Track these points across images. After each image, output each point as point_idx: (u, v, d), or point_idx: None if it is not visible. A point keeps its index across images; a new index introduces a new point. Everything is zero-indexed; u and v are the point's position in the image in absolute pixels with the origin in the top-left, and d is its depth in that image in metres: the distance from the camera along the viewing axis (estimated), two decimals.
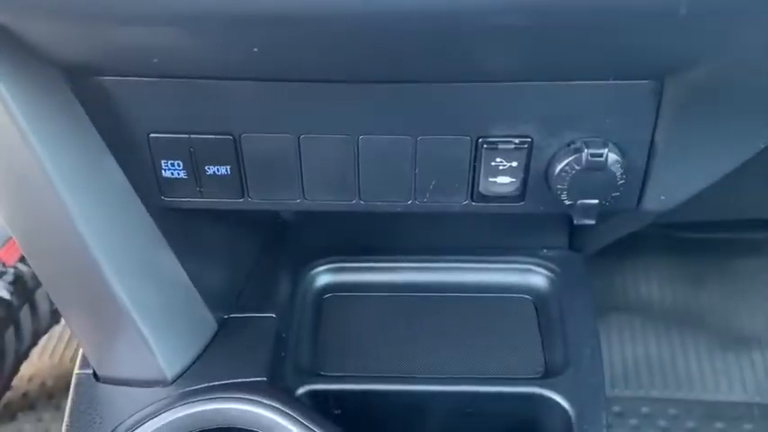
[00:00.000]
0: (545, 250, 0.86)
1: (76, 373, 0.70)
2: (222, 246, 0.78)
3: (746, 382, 1.23)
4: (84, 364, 0.70)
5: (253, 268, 0.83)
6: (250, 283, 0.81)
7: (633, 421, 1.18)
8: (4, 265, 1.17)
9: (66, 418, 0.67)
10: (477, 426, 0.76)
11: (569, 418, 0.71)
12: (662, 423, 1.18)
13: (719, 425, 1.18)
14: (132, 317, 0.63)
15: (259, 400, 0.65)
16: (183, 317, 0.70)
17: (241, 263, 0.82)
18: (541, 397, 0.73)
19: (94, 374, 0.70)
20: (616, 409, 1.19)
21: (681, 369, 1.25)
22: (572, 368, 0.75)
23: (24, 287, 1.18)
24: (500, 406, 0.75)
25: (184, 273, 0.70)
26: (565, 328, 0.79)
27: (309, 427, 0.63)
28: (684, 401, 1.21)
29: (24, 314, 1.19)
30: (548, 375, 0.76)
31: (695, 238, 1.36)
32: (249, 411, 0.65)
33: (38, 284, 1.20)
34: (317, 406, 0.73)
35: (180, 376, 0.68)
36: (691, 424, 1.18)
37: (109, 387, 0.69)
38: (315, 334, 0.81)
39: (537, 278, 0.85)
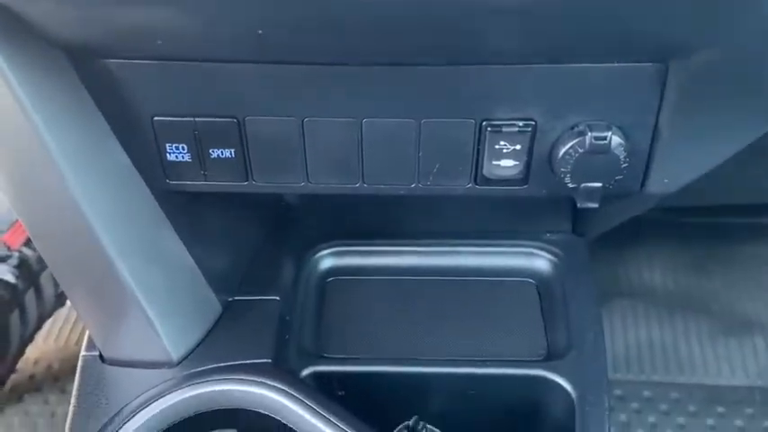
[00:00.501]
0: (548, 234, 0.87)
1: (83, 355, 0.70)
2: (226, 229, 0.79)
3: (748, 367, 1.24)
4: (90, 345, 0.71)
5: (257, 252, 0.83)
6: (254, 267, 0.81)
7: (635, 404, 1.19)
8: (9, 248, 1.18)
9: (72, 400, 0.68)
10: (480, 408, 0.76)
11: (571, 400, 0.72)
12: (663, 407, 1.19)
13: (720, 409, 1.18)
14: (137, 298, 0.64)
15: (264, 381, 0.65)
16: (187, 299, 0.70)
17: (245, 246, 0.83)
18: (544, 379, 0.74)
19: (100, 356, 0.70)
20: (618, 392, 1.19)
21: (683, 353, 1.26)
22: (574, 351, 0.75)
23: (29, 271, 1.19)
24: (502, 388, 0.75)
25: (189, 255, 0.70)
26: (567, 312, 0.79)
27: (315, 409, 0.64)
28: (686, 386, 1.21)
29: (29, 298, 1.19)
30: (550, 358, 0.76)
31: (699, 223, 1.36)
32: (254, 393, 0.65)
33: (43, 268, 1.21)
34: (321, 388, 0.73)
35: (185, 358, 0.69)
36: (692, 408, 1.19)
37: (115, 369, 0.69)
38: (318, 317, 0.82)
39: (540, 262, 0.85)
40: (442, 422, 0.70)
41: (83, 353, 0.71)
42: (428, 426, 0.67)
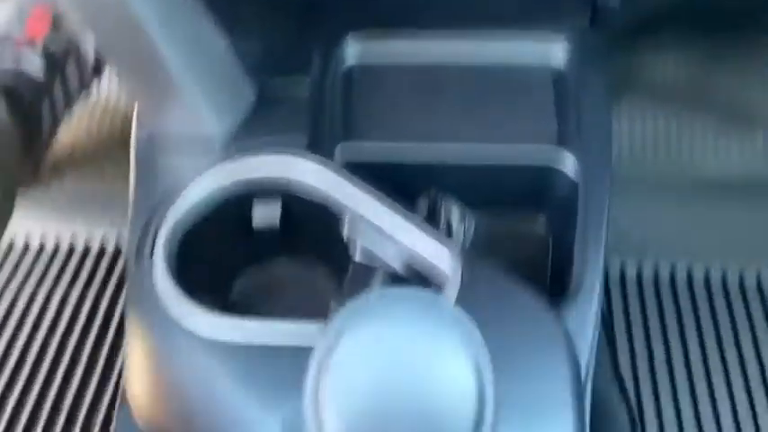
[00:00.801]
0: (566, 27, 0.88)
1: (134, 137, 0.76)
2: (258, 20, 0.81)
3: (747, 159, 1.31)
4: (140, 127, 0.76)
5: (286, 42, 0.86)
6: (283, 57, 0.84)
7: (638, 187, 1.27)
8: (32, 41, 1.20)
9: (131, 183, 0.74)
10: (487, 192, 0.81)
11: (575, 186, 0.78)
12: (663, 193, 1.28)
13: (716, 194, 1.27)
14: (180, 80, 0.68)
15: (304, 157, 0.72)
16: (225, 82, 0.74)
17: (275, 36, 0.85)
18: (549, 167, 0.80)
19: (147, 139, 0.75)
20: (620, 180, 1.27)
21: (685, 146, 1.32)
22: (582, 140, 0.80)
23: (54, 63, 1.21)
24: (511, 172, 0.81)
25: (224, 43, 0.73)
26: (579, 102, 0.83)
27: (351, 182, 0.70)
28: (686, 175, 1.29)
29: (57, 88, 1.24)
30: (558, 145, 0.82)
31: (719, 18, 1.35)
32: (294, 167, 0.72)
33: (66, 58, 1.24)
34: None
35: (226, 140, 0.74)
36: (690, 194, 1.27)
37: (162, 153, 0.75)
38: (346, 106, 0.86)
39: (556, 52, 0.87)
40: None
41: (134, 135, 0.76)
42: (445, 197, 0.75)
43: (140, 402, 0.63)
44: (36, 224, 1.30)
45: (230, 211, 0.72)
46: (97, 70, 1.30)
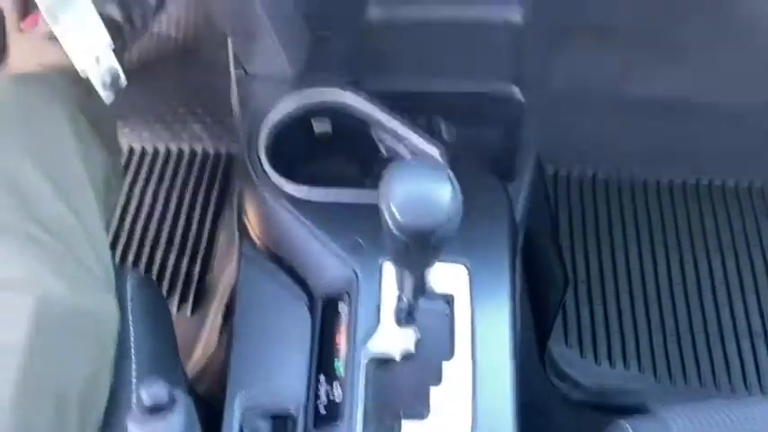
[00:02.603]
0: None
1: (233, 72, 1.15)
2: None
3: (668, 84, 1.69)
4: (237, 64, 1.14)
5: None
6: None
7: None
8: None
9: (234, 107, 1.13)
10: (465, 112, 1.19)
11: (521, 106, 1.17)
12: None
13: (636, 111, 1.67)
14: (267, 23, 1.02)
15: (352, 91, 1.11)
16: (297, 28, 1.09)
17: None
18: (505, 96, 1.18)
19: (244, 70, 1.14)
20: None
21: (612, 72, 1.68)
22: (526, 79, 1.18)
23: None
24: (479, 100, 1.19)
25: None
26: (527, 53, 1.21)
27: (378, 106, 1.10)
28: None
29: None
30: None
31: None
32: (346, 97, 1.11)
33: None
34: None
35: (297, 74, 1.12)
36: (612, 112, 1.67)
37: (254, 80, 1.13)
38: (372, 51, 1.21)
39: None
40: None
41: (232, 70, 1.15)
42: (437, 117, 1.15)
43: (256, 234, 1.06)
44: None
45: (300, 124, 1.13)
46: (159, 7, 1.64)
